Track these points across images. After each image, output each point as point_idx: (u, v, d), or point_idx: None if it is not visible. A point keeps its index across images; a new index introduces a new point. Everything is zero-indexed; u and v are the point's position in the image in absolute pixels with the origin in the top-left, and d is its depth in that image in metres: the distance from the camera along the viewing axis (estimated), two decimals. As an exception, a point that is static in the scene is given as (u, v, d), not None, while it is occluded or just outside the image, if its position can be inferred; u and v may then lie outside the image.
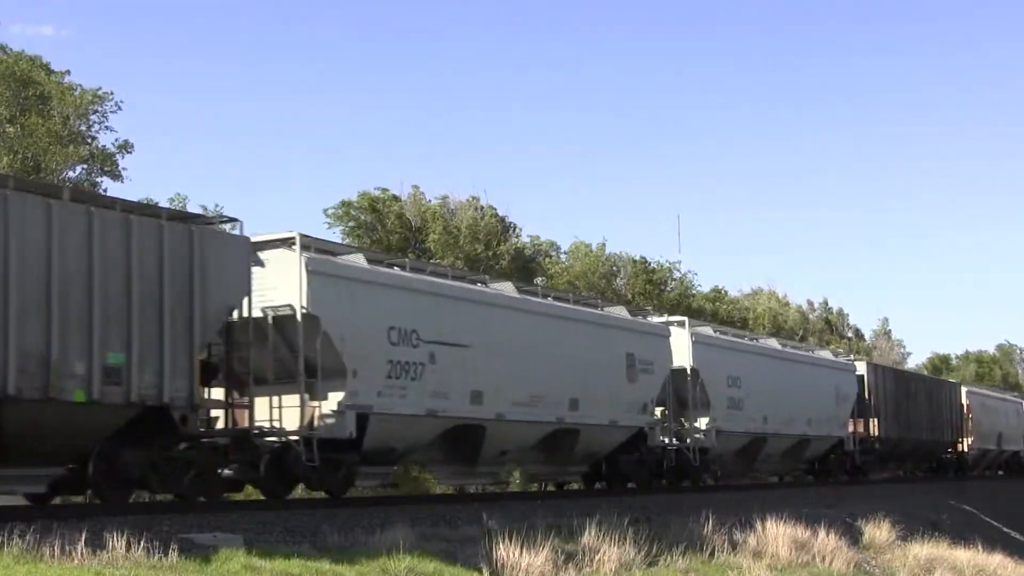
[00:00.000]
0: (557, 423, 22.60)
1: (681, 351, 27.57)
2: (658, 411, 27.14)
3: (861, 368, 38.70)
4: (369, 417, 18.13)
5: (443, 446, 20.82)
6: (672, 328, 27.64)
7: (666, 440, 26.94)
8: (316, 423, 17.44)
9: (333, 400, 17.71)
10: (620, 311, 26.14)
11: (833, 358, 37.37)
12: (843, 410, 35.96)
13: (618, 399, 24.36)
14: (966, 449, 49.08)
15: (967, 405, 49.20)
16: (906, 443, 41.95)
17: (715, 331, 30.51)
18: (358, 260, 19.11)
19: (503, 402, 20.80)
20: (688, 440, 27.50)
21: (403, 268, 20.18)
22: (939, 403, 45.98)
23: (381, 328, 18.35)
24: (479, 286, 21.73)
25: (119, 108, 30.26)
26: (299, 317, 17.21)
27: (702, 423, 28.08)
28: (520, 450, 22.56)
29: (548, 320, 22.41)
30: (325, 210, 39.04)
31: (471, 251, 39.18)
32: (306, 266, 17.35)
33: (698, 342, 28.04)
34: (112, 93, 30.14)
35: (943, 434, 46.38)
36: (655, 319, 27.99)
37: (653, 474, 26.70)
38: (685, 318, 28.76)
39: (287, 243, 17.61)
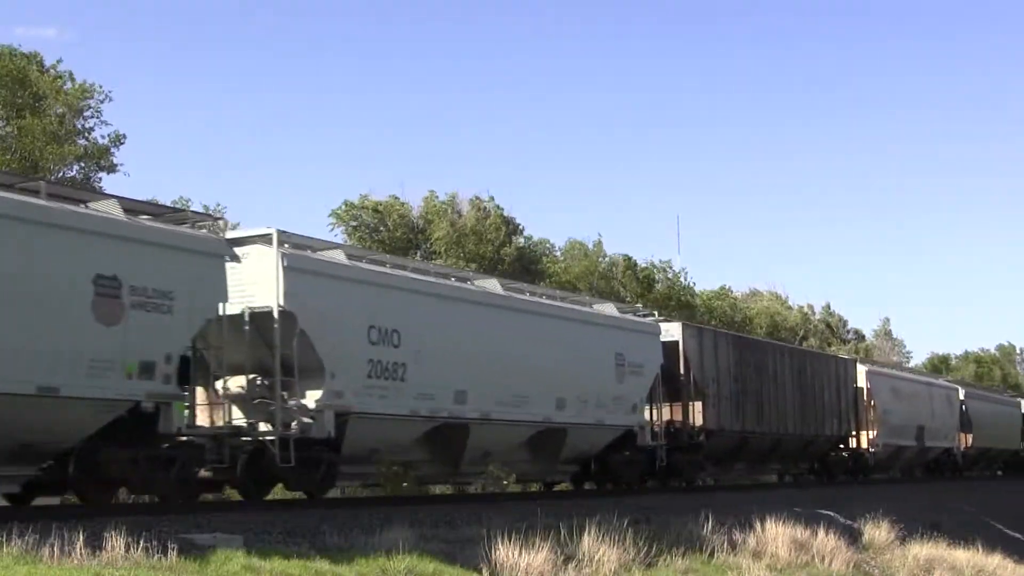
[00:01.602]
0: None
1: (264, 282, 17.84)
2: (235, 382, 17.51)
3: (674, 331, 27.00)
4: None
5: None
6: (250, 248, 17.80)
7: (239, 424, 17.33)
8: None
9: None
10: (109, 205, 14.77)
11: (617, 314, 24.84)
12: (633, 389, 24.03)
13: (81, 356, 13.68)
14: (866, 446, 39.05)
15: (867, 389, 37.37)
16: (759, 438, 30.09)
17: (350, 256, 18.50)
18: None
19: None
20: (294, 426, 17.76)
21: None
22: (819, 385, 33.96)
23: None
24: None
25: (109, 99, 30.12)
26: None
27: (311, 399, 17.94)
28: None
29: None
30: (330, 212, 38.46)
31: (475, 252, 37.70)
32: None
33: (294, 268, 16.59)
34: (101, 86, 30.09)
35: (827, 426, 34.69)
36: (229, 234, 18.02)
37: (185, 482, 16.73)
38: (273, 230, 16.64)
39: None
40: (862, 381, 37.10)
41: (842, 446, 36.57)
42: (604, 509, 16.46)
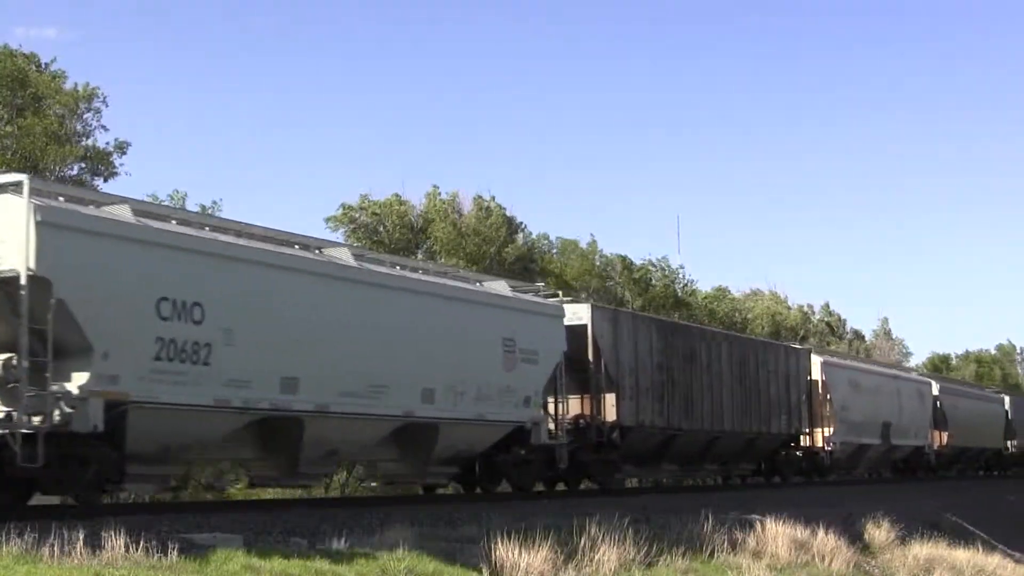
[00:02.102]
0: None
1: (11, 240, 14.78)
2: None
3: (582, 313, 23.59)
4: None
5: None
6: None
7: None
8: None
9: None
10: None
11: (508, 293, 21.23)
12: (526, 379, 20.70)
13: None
14: (821, 444, 35.73)
15: (822, 382, 34.52)
16: (689, 435, 26.86)
17: (139, 213, 14.72)
18: None
19: None
20: (56, 416, 14.76)
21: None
22: (765, 377, 30.52)
23: None
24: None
25: (106, 104, 29.95)
26: None
27: (75, 382, 14.91)
28: None
29: None
30: (326, 218, 37.83)
31: (476, 252, 37.30)
32: None
33: (52, 224, 13.21)
34: (99, 88, 29.87)
35: (773, 423, 31.57)
36: None
37: None
38: (23, 177, 13.51)
39: None
40: (816, 373, 34.00)
41: (794, 444, 33.57)
42: (604, 509, 16.50)
